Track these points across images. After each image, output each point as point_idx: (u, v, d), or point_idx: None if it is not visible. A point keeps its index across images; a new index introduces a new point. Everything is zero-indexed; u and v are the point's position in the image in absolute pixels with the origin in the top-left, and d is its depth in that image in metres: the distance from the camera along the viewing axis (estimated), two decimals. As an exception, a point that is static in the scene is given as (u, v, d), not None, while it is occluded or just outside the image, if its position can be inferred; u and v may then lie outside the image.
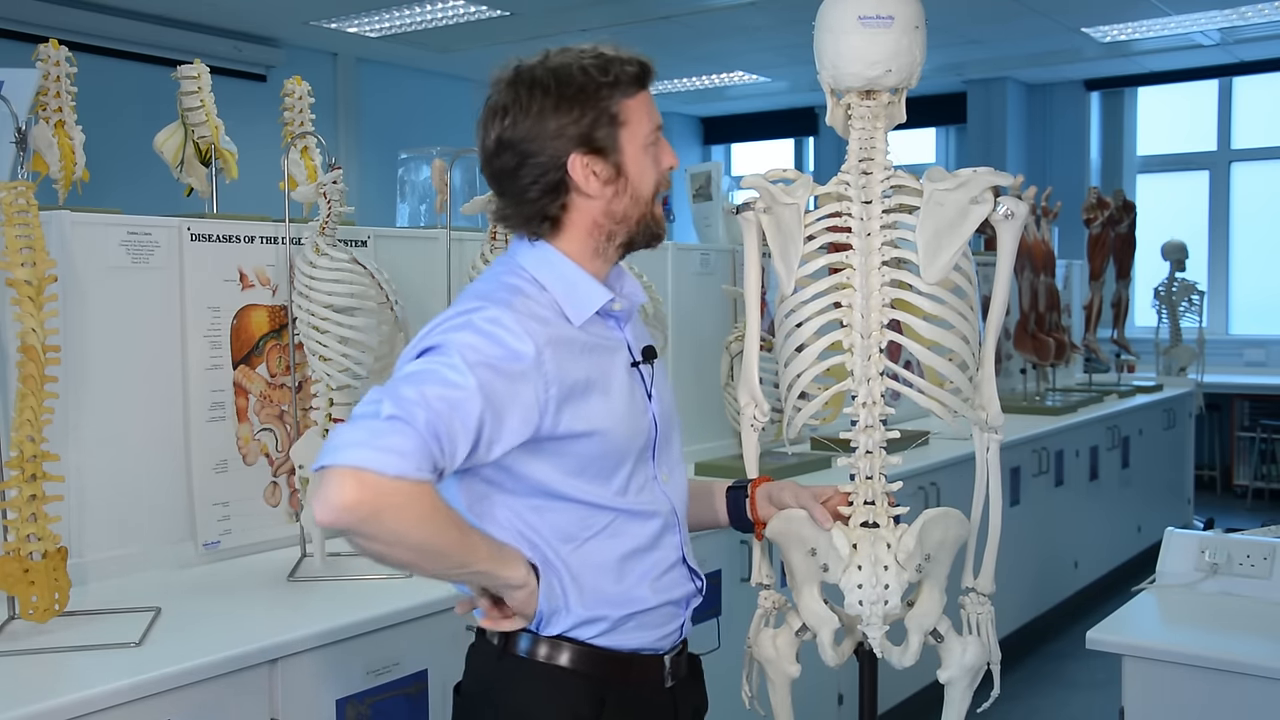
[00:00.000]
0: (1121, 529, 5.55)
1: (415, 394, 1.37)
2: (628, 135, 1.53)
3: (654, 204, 1.58)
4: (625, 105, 1.53)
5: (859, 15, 1.68)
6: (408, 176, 3.67)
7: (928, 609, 1.74)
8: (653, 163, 1.57)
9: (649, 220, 1.58)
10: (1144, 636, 2.27)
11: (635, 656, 1.58)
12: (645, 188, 1.56)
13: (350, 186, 2.59)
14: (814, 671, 1.87)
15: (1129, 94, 8.97)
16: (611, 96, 1.51)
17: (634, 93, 1.53)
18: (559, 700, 1.53)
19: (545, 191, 1.53)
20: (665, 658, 1.62)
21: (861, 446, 1.73)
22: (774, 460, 3.41)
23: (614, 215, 1.56)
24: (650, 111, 1.56)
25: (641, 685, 1.59)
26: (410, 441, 1.33)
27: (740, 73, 8.57)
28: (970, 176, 1.73)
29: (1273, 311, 8.34)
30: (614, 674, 1.56)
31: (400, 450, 1.32)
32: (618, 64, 1.52)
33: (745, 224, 1.89)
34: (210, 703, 1.88)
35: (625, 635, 1.57)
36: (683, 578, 1.63)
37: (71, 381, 2.24)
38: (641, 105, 1.55)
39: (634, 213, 1.56)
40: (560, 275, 1.55)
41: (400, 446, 1.33)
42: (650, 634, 1.59)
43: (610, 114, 1.51)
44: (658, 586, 1.59)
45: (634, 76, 1.53)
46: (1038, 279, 5.36)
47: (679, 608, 1.63)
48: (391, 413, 1.35)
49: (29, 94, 2.39)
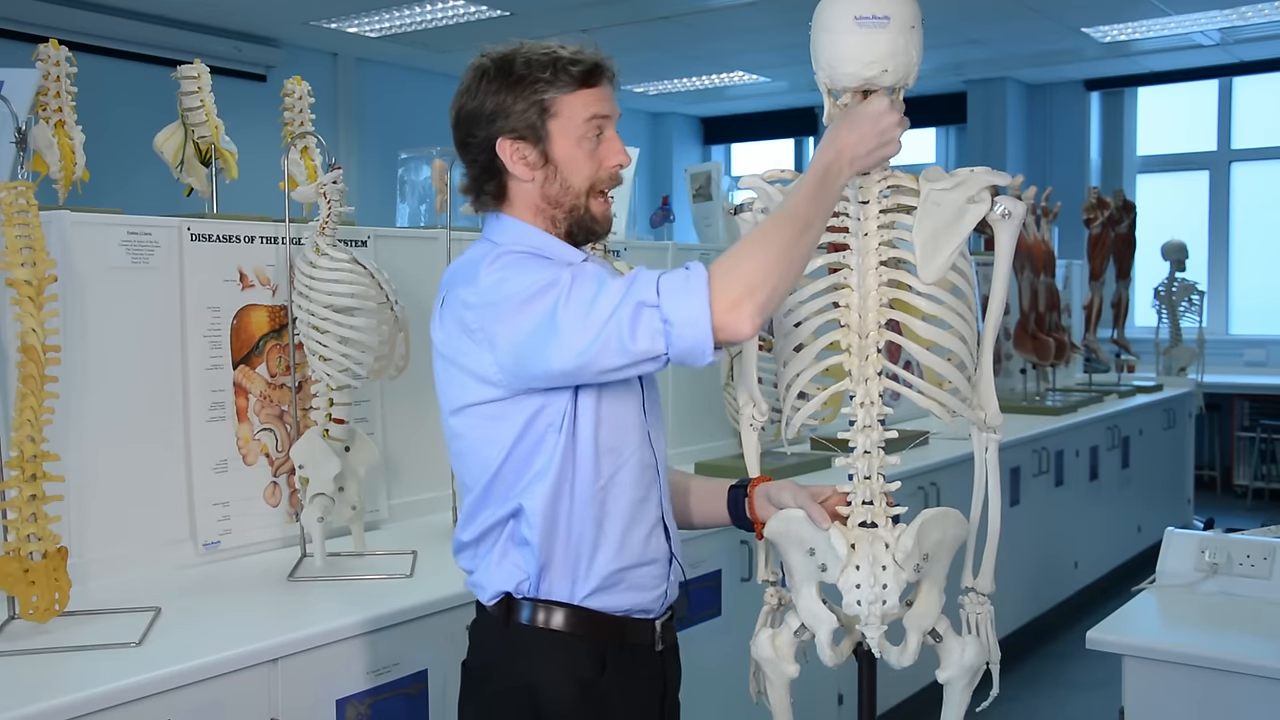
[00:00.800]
0: (1121, 529, 5.55)
1: (585, 289, 1.48)
2: (558, 126, 1.62)
3: (589, 197, 1.65)
4: (560, 99, 1.62)
5: (855, 15, 1.68)
6: (408, 176, 3.67)
7: (926, 609, 1.74)
8: (588, 157, 1.64)
9: (583, 213, 1.66)
10: (1144, 636, 2.28)
11: (628, 619, 1.66)
12: (576, 179, 1.64)
13: (350, 186, 2.59)
14: (814, 671, 1.87)
15: (1129, 94, 8.97)
16: (547, 90, 1.61)
17: (573, 89, 1.62)
18: (563, 663, 1.62)
19: (483, 169, 1.67)
20: (656, 622, 1.70)
21: (860, 446, 1.73)
22: (774, 460, 3.41)
23: (550, 199, 1.65)
24: (590, 107, 1.63)
25: (636, 648, 1.68)
26: (649, 273, 1.47)
27: (740, 73, 8.57)
28: (967, 176, 1.73)
29: (1273, 311, 8.34)
30: (611, 635, 1.64)
31: (665, 285, 1.45)
32: (564, 62, 1.61)
33: (743, 225, 1.89)
34: (210, 703, 1.89)
35: (619, 595, 1.64)
36: (662, 538, 1.70)
37: (71, 381, 2.24)
38: (579, 101, 1.63)
39: (566, 200, 1.65)
40: (534, 239, 1.65)
41: (664, 284, 1.45)
42: (642, 595, 1.67)
43: (542, 105, 1.61)
44: (648, 542, 1.67)
45: (577, 75, 1.62)
46: (1038, 279, 5.36)
47: (661, 568, 1.70)
48: (613, 298, 1.45)
49: (29, 94, 2.39)
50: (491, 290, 1.53)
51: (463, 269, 1.62)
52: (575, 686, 1.62)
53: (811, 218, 1.53)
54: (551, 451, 1.58)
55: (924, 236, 1.72)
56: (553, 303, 1.47)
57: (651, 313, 1.44)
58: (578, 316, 1.46)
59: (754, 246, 1.49)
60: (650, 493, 1.68)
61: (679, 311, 1.44)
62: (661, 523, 1.70)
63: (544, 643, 1.62)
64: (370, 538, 2.68)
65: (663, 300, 1.44)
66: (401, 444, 2.93)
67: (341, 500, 2.48)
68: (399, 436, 2.93)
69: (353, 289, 2.40)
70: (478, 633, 1.71)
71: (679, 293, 1.44)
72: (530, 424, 1.58)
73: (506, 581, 1.63)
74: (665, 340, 1.44)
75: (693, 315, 1.43)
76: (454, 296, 1.60)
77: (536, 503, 1.59)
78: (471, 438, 1.62)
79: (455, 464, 1.70)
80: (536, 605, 1.62)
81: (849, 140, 1.59)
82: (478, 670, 1.69)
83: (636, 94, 9.26)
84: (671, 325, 1.44)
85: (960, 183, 1.72)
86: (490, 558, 1.65)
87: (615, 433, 1.62)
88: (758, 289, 1.45)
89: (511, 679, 1.63)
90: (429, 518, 2.93)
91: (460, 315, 1.57)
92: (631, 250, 3.55)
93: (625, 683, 1.66)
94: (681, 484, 1.91)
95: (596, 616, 1.63)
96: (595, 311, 1.45)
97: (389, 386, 2.85)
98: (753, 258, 1.47)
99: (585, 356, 1.46)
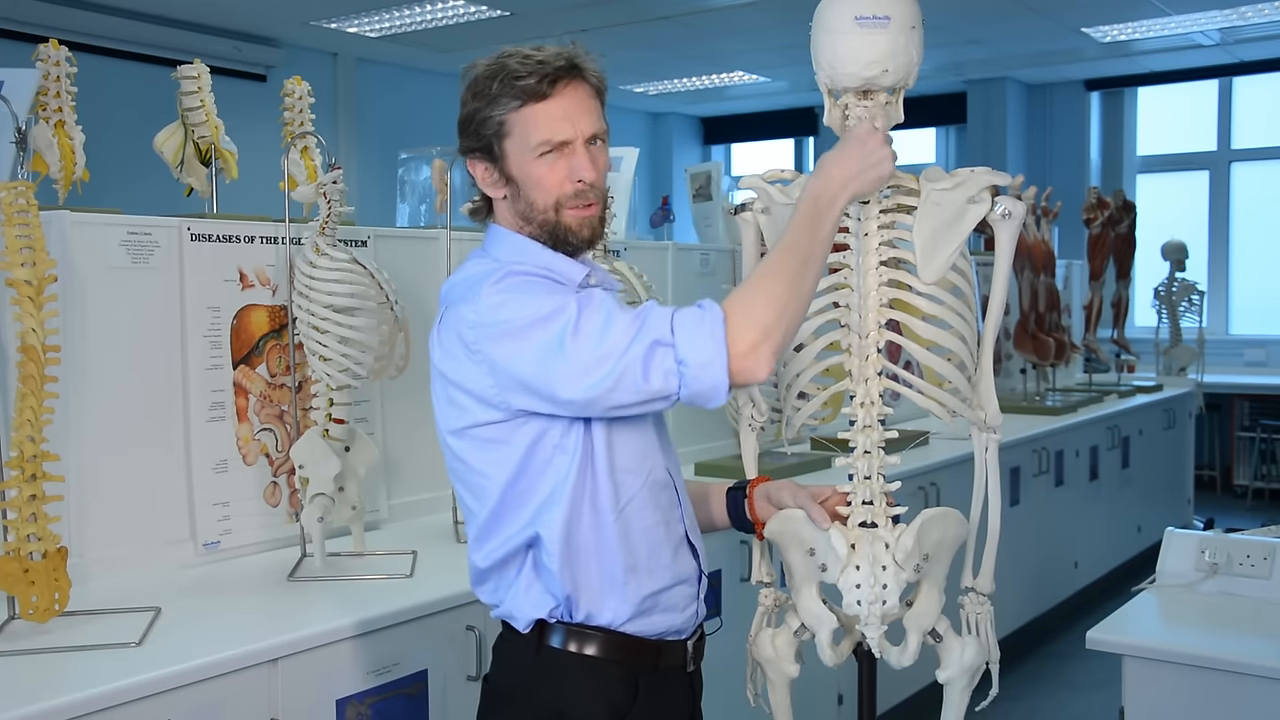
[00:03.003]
0: (1121, 529, 5.55)
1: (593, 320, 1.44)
2: (511, 145, 1.57)
3: (558, 212, 1.59)
4: (510, 117, 1.56)
5: (855, 15, 1.68)
6: (408, 176, 3.68)
7: (926, 609, 1.74)
8: (548, 173, 1.57)
9: (553, 227, 1.60)
10: (1144, 636, 2.28)
11: (663, 642, 1.63)
12: (539, 197, 1.58)
13: (350, 186, 2.59)
14: (814, 671, 1.87)
15: (1129, 94, 8.97)
16: (495, 108, 1.56)
17: (519, 105, 1.55)
18: (595, 688, 1.58)
19: (467, 180, 1.66)
20: (687, 642, 1.67)
21: (860, 446, 1.73)
22: (774, 460, 3.41)
23: (521, 215, 1.61)
24: (543, 126, 1.56)
25: (669, 670, 1.64)
26: (661, 310, 1.45)
27: (740, 73, 8.57)
28: (967, 176, 1.73)
29: (1273, 311, 8.34)
30: (646, 660, 1.61)
31: (680, 324, 1.43)
32: (508, 75, 1.55)
33: (743, 224, 1.89)
34: (210, 703, 1.89)
35: (653, 619, 1.61)
36: (688, 554, 1.68)
37: (71, 381, 2.24)
38: (531, 118, 1.55)
39: (534, 218, 1.60)
40: (532, 253, 1.60)
41: (679, 323, 1.43)
42: (675, 616, 1.64)
43: (497, 123, 1.57)
44: (675, 562, 1.64)
45: (523, 90, 1.55)
46: (1038, 279, 5.36)
47: (691, 587, 1.67)
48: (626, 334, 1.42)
49: (29, 94, 2.39)
50: (493, 310, 1.49)
51: (463, 285, 1.57)
52: (607, 712, 1.59)
53: (811, 249, 1.51)
54: (563, 475, 1.54)
55: (924, 236, 1.72)
56: (559, 331, 1.43)
57: (666, 352, 1.41)
58: (588, 348, 1.42)
59: (763, 285, 1.47)
60: (671, 512, 1.64)
61: (695, 353, 1.41)
62: (686, 540, 1.67)
63: (576, 667, 1.57)
64: (370, 538, 2.68)
65: (678, 340, 1.41)
66: (401, 444, 2.93)
67: (341, 500, 2.48)
68: (399, 436, 2.93)
69: (352, 289, 2.40)
70: (505, 651, 1.65)
71: (694, 333, 1.41)
72: (534, 448, 1.54)
73: (538, 610, 1.59)
74: (679, 380, 1.41)
75: (709, 357, 1.41)
76: (454, 313, 1.56)
77: (554, 530, 1.54)
78: (472, 461, 1.58)
79: (456, 485, 1.65)
80: (570, 631, 1.58)
81: (835, 167, 1.57)
82: (504, 691, 1.64)
83: (636, 94, 9.26)
84: (686, 366, 1.41)
85: (960, 183, 1.73)
86: (516, 588, 1.60)
87: (630, 454, 1.58)
88: (773, 330, 1.43)
89: (540, 702, 1.59)
90: (429, 518, 2.93)
91: (460, 332, 1.53)
92: (631, 250, 3.55)
93: (657, 706, 1.62)
94: (700, 492, 1.87)
95: (632, 642, 1.59)
96: (606, 346, 1.42)
97: (389, 386, 2.85)
98: (764, 297, 1.45)
99: (596, 391, 1.43)
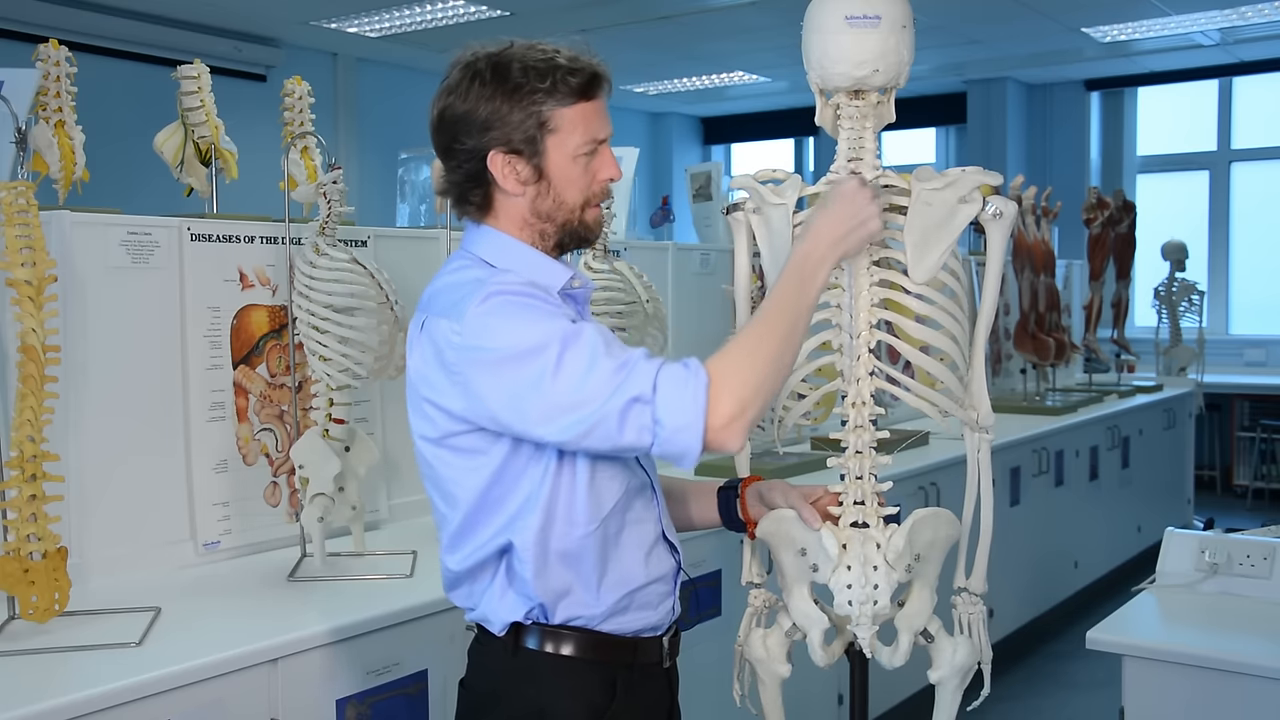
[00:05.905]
0: (1121, 529, 5.55)
1: (577, 362, 1.41)
2: (555, 142, 1.55)
3: (583, 211, 1.60)
4: (559, 113, 1.54)
5: (846, 15, 1.68)
6: (408, 176, 3.68)
7: (918, 609, 1.74)
8: (583, 172, 1.58)
9: (576, 225, 1.60)
10: (1144, 636, 2.28)
11: (639, 640, 1.63)
12: (570, 195, 1.58)
13: (350, 186, 2.59)
14: (814, 672, 1.87)
15: (1129, 94, 8.97)
16: (545, 102, 1.53)
17: (572, 102, 1.54)
18: (573, 689, 1.58)
19: (468, 177, 1.59)
20: (663, 638, 1.67)
21: (851, 446, 1.73)
22: (771, 460, 3.42)
23: (540, 214, 1.58)
24: (589, 123, 1.56)
25: (645, 667, 1.64)
26: (647, 364, 1.41)
27: (740, 73, 8.58)
28: (958, 176, 1.73)
29: (1273, 311, 8.34)
30: (623, 658, 1.61)
31: (663, 383, 1.40)
32: (562, 71, 1.53)
33: (735, 224, 1.89)
34: (210, 703, 1.89)
35: (629, 617, 1.60)
36: (665, 552, 1.67)
37: (71, 381, 2.24)
38: (579, 115, 1.55)
39: (558, 216, 1.59)
40: (519, 256, 1.58)
41: (662, 381, 1.40)
42: (650, 615, 1.63)
43: (540, 119, 1.54)
44: (649, 563, 1.63)
45: (576, 87, 1.54)
46: (1038, 279, 5.36)
47: (667, 584, 1.67)
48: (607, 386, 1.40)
49: (29, 94, 2.39)
50: (476, 335, 1.46)
51: (446, 295, 1.54)
52: (587, 711, 1.58)
53: (798, 312, 1.51)
54: (538, 481, 1.53)
55: (915, 236, 1.72)
56: (539, 369, 1.41)
57: (643, 409, 1.39)
58: (566, 391, 1.40)
59: (748, 354, 1.45)
60: (647, 513, 1.64)
61: (673, 416, 1.39)
62: (663, 539, 1.66)
63: (554, 668, 1.57)
64: (370, 538, 2.68)
65: (658, 399, 1.39)
66: (401, 444, 2.93)
67: (341, 500, 2.48)
68: (399, 436, 2.93)
69: (352, 289, 2.41)
70: (481, 655, 1.64)
71: (676, 396, 1.40)
72: (510, 457, 1.52)
73: (513, 613, 1.58)
74: (653, 438, 1.41)
75: (686, 422, 1.40)
76: (435, 325, 1.52)
77: (528, 537, 1.53)
78: (444, 468, 1.57)
79: (429, 489, 1.64)
80: (546, 632, 1.57)
81: (824, 225, 1.56)
82: (481, 695, 1.63)
83: (636, 94, 9.26)
84: (662, 427, 1.40)
85: (951, 182, 1.72)
86: (491, 593, 1.60)
87: (611, 463, 1.57)
88: (750, 405, 1.42)
89: (520, 705, 1.58)
90: (429, 518, 2.87)
91: (440, 350, 1.50)
92: (631, 250, 3.55)
93: (636, 703, 1.62)
94: (678, 489, 1.87)
95: (608, 640, 1.59)
96: (586, 392, 1.40)
97: (389, 386, 2.85)
98: (747, 369, 1.44)
99: (568, 435, 1.43)
